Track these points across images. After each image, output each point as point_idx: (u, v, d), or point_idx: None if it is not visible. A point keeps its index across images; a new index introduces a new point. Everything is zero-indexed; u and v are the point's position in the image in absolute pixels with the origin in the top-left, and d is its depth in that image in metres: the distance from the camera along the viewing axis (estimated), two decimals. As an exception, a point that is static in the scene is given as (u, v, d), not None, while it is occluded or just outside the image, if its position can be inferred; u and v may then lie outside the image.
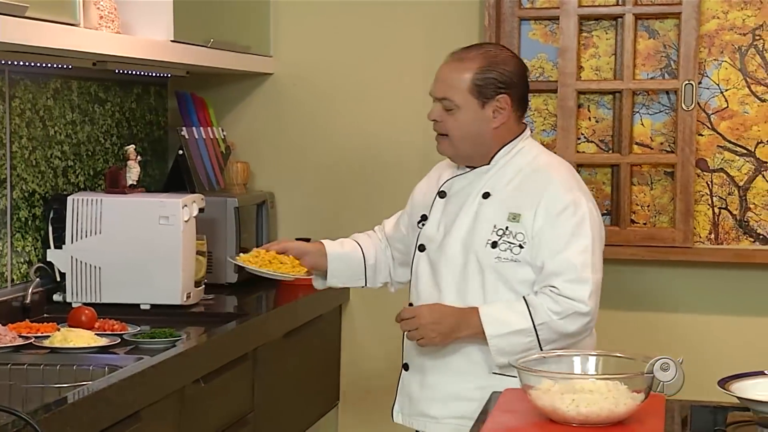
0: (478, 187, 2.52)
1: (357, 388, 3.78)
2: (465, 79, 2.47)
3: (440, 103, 2.51)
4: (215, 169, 3.61)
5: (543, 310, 2.40)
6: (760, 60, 3.40)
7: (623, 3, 3.46)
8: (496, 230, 2.46)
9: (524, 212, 2.44)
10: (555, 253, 2.40)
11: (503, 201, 2.48)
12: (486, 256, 2.45)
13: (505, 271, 2.45)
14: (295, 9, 3.75)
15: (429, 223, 2.56)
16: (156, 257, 2.96)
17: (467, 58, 2.50)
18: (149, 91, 3.69)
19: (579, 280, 2.40)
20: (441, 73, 2.53)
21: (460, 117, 2.49)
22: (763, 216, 3.44)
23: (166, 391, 2.42)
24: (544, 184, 2.46)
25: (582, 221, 2.42)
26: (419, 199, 2.65)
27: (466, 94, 2.47)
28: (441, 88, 2.51)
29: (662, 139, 3.50)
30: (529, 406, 2.04)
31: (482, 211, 2.49)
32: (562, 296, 2.39)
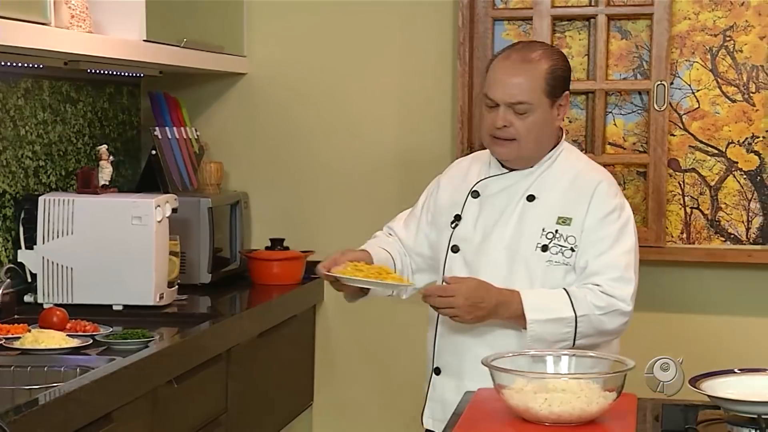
0: (521, 189, 2.48)
1: (331, 389, 3.78)
2: (539, 79, 2.42)
3: (510, 108, 2.42)
4: (188, 170, 3.59)
5: (586, 303, 2.39)
6: (730, 61, 3.43)
7: (596, 4, 3.47)
8: (545, 233, 2.43)
9: (575, 215, 2.43)
10: (600, 253, 2.42)
11: (551, 204, 2.45)
12: (536, 260, 2.42)
13: (554, 276, 2.42)
14: (269, 9, 3.74)
15: (464, 224, 2.50)
16: (128, 258, 2.95)
17: (533, 59, 2.44)
18: (122, 90, 3.67)
19: (623, 279, 2.42)
20: (508, 77, 2.42)
21: (532, 119, 2.43)
22: (734, 216, 3.46)
23: (139, 393, 2.41)
24: (592, 188, 2.46)
25: (626, 225, 2.46)
26: (445, 199, 2.57)
27: (540, 95, 2.43)
28: (513, 92, 2.42)
29: (635, 140, 3.52)
30: (502, 406, 2.05)
31: (528, 213, 2.45)
32: (606, 293, 2.40)
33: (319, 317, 3.80)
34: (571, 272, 2.43)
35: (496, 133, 2.44)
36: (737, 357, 2.97)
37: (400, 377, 3.69)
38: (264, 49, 3.75)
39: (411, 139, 3.66)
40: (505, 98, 2.42)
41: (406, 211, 2.71)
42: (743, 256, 3.41)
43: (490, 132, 2.46)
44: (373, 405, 3.75)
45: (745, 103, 3.43)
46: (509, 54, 2.47)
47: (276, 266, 3.57)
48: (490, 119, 2.45)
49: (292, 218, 3.77)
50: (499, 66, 2.46)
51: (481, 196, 2.51)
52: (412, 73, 3.65)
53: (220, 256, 3.53)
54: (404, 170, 3.65)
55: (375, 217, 3.63)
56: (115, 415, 2.28)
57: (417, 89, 3.65)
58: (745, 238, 3.46)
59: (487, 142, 2.50)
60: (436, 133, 3.63)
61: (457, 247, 2.50)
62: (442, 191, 2.60)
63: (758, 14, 3.40)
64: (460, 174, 2.60)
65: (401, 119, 3.68)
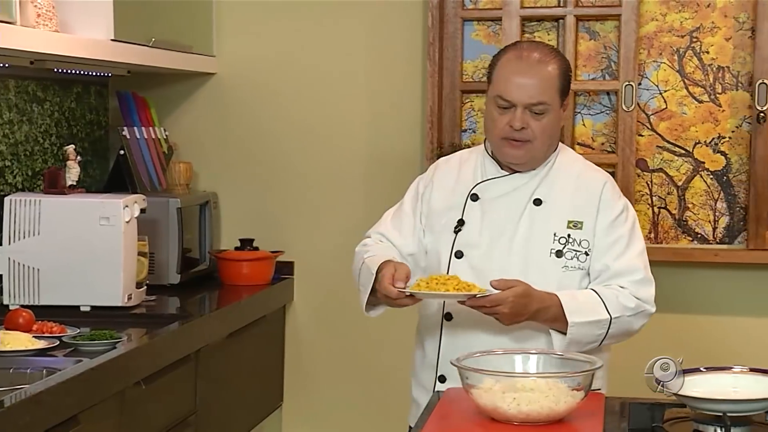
0: (526, 193, 2.43)
1: (301, 389, 3.78)
2: (554, 79, 2.38)
3: (526, 109, 2.36)
4: (157, 170, 3.58)
5: (618, 305, 2.38)
6: (697, 62, 3.46)
7: (564, 4, 3.49)
8: (557, 238, 2.39)
9: (585, 219, 2.41)
10: (618, 255, 2.41)
11: (559, 208, 2.41)
12: (551, 266, 2.38)
13: (571, 282, 2.39)
14: (238, 8, 3.73)
15: (467, 229, 2.43)
16: (96, 258, 2.93)
17: (545, 60, 2.39)
18: (89, 90, 3.65)
19: (646, 280, 2.43)
20: (526, 77, 2.37)
21: (547, 120, 2.38)
22: (701, 215, 3.49)
23: (106, 394, 2.39)
24: (598, 190, 2.45)
25: (634, 225, 2.46)
26: (440, 202, 2.49)
27: (554, 95, 2.39)
28: (534, 92, 2.36)
29: (603, 140, 3.54)
30: (470, 406, 2.05)
31: (537, 218, 2.40)
32: (633, 295, 2.40)
33: (289, 317, 3.79)
34: (586, 277, 2.42)
35: (514, 135, 2.37)
36: (704, 355, 3.01)
37: (370, 377, 3.69)
38: (233, 49, 3.74)
39: (381, 139, 3.66)
40: (523, 99, 2.36)
41: (388, 214, 2.59)
42: (710, 255, 3.44)
43: (503, 135, 2.39)
44: (342, 405, 3.75)
45: (712, 103, 3.46)
46: (520, 54, 2.40)
47: (246, 266, 3.56)
48: (504, 121, 2.37)
49: (262, 218, 3.76)
50: (514, 66, 2.39)
51: (481, 199, 2.45)
52: (381, 73, 3.65)
53: (189, 256, 3.52)
54: (374, 170, 3.65)
55: (345, 216, 3.64)
56: (81, 417, 2.26)
57: (387, 89, 3.65)
58: (711, 237, 3.49)
59: (497, 144, 2.42)
60: (405, 133, 3.63)
61: (461, 252, 2.42)
62: (435, 194, 2.51)
63: (724, 16, 3.43)
64: (450, 176, 2.52)
65: (371, 119, 3.68)
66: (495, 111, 2.40)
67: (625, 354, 3.43)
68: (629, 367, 3.30)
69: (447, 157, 2.62)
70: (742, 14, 3.42)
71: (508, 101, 2.38)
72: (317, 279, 3.73)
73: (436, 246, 2.47)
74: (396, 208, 2.59)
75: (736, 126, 3.45)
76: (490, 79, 2.44)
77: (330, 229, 3.69)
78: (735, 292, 3.48)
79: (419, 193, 2.54)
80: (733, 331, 3.48)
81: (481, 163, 2.50)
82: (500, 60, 2.43)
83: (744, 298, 3.48)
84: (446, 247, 2.44)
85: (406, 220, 2.53)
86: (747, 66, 3.42)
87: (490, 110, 2.43)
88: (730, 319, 3.49)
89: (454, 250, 2.43)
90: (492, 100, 2.41)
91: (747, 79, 3.42)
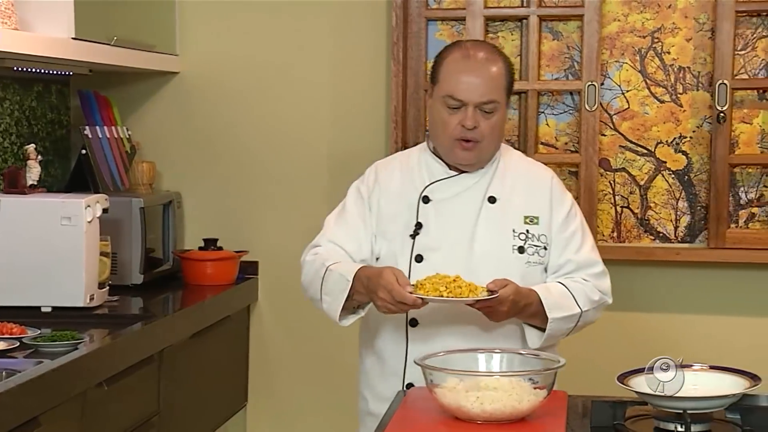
0: (479, 192, 2.43)
1: (265, 389, 3.77)
2: (502, 77, 2.39)
3: (477, 108, 2.36)
4: (120, 169, 3.55)
5: (586, 298, 2.41)
6: (658, 62, 3.49)
7: (528, 5, 3.51)
8: (516, 235, 2.40)
9: (540, 214, 2.43)
10: (577, 248, 2.44)
11: (514, 204, 2.42)
12: (515, 262, 2.38)
13: (533, 277, 2.40)
14: (201, 7, 3.71)
15: (425, 232, 2.40)
16: (58, 259, 2.90)
17: (492, 59, 2.40)
18: (50, 89, 3.61)
19: (604, 272, 2.48)
20: (476, 76, 2.36)
21: (496, 118, 2.39)
22: (663, 214, 3.53)
23: (68, 396, 2.37)
24: (547, 185, 2.47)
25: (582, 219, 2.50)
26: (389, 207, 2.45)
27: (503, 93, 2.40)
28: (484, 91, 2.36)
29: (566, 139, 3.56)
30: (434, 405, 2.06)
31: (493, 216, 2.40)
32: (596, 288, 2.43)
33: (253, 317, 3.78)
34: (544, 272, 2.44)
35: (466, 134, 2.36)
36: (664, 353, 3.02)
37: (335, 377, 3.68)
38: (196, 48, 3.72)
39: (345, 139, 3.66)
40: (474, 98, 2.35)
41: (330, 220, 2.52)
42: (671, 254, 3.47)
43: (456, 135, 2.37)
44: (307, 405, 3.74)
45: (673, 103, 3.49)
46: (466, 53, 2.39)
47: (210, 266, 3.54)
48: (456, 121, 2.36)
49: (226, 218, 3.74)
50: (462, 65, 2.38)
51: (433, 201, 2.43)
52: (345, 72, 3.65)
53: (152, 256, 3.50)
54: (338, 169, 3.65)
55: (309, 216, 3.63)
56: (42, 419, 2.24)
57: (351, 88, 3.65)
58: (673, 236, 3.52)
59: (449, 146, 2.39)
60: (370, 132, 3.63)
61: (421, 256, 2.39)
62: (383, 199, 2.46)
63: (684, 17, 3.46)
64: (394, 179, 2.48)
65: (335, 118, 3.68)
66: (444, 112, 2.38)
67: (587, 352, 3.46)
68: (592, 365, 3.34)
69: (385, 161, 2.58)
70: (702, 15, 3.45)
71: (459, 100, 2.36)
72: (282, 279, 3.72)
73: (391, 252, 2.42)
74: (337, 214, 2.53)
75: (697, 126, 3.48)
76: (436, 79, 2.42)
77: (294, 229, 3.68)
78: (696, 290, 3.52)
79: (363, 198, 2.49)
80: (694, 328, 3.51)
81: (425, 164, 2.47)
82: (446, 60, 2.42)
83: (705, 297, 3.51)
84: (404, 252, 2.41)
85: (355, 226, 2.47)
86: (707, 66, 3.45)
87: (438, 111, 2.40)
88: (691, 317, 3.52)
89: (413, 254, 2.39)
90: (440, 100, 2.39)
91: (707, 80, 3.45)
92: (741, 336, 3.49)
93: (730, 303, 3.50)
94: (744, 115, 3.46)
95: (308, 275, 2.46)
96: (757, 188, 3.47)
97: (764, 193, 3.47)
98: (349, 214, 2.49)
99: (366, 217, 2.47)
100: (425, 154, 2.49)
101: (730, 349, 3.44)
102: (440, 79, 2.41)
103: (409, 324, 2.41)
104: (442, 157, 2.46)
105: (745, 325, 3.50)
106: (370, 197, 2.48)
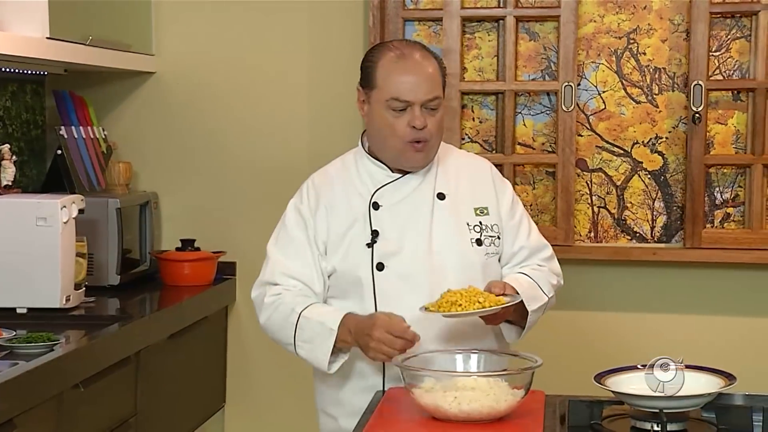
0: (426, 191, 2.39)
1: (243, 390, 3.76)
2: (438, 74, 2.36)
3: (422, 107, 2.32)
4: (96, 170, 3.53)
5: (548, 284, 2.43)
6: (634, 63, 3.51)
7: (504, 5, 3.52)
8: (471, 227, 2.39)
9: (488, 204, 2.43)
10: (527, 234, 2.46)
11: (462, 198, 2.41)
12: (475, 255, 2.37)
13: (492, 268, 2.40)
14: (177, 6, 3.69)
15: (383, 239, 2.34)
16: (33, 259, 2.88)
17: (426, 56, 2.36)
18: (25, 89, 3.59)
19: (553, 256, 2.50)
20: (418, 75, 2.32)
21: (440, 115, 2.35)
22: (639, 215, 3.54)
23: (43, 397, 2.35)
24: (488, 174, 2.48)
25: (523, 205, 2.52)
26: (338, 222, 2.38)
27: (441, 89, 2.38)
28: (429, 88, 2.32)
29: (543, 140, 3.57)
30: (412, 405, 2.06)
31: (446, 212, 2.38)
32: (551, 271, 2.46)
33: (231, 318, 3.77)
34: (498, 262, 2.44)
35: (418, 135, 2.31)
36: (642, 353, 3.04)
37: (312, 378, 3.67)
38: (173, 48, 3.71)
39: (323, 139, 3.65)
40: (419, 96, 2.31)
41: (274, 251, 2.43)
42: (648, 254, 3.49)
43: (408, 138, 2.32)
44: (285, 406, 3.73)
45: (649, 104, 3.51)
46: (401, 53, 2.34)
47: (187, 267, 3.53)
48: (404, 123, 2.31)
49: (203, 218, 3.73)
50: (401, 66, 2.32)
51: (383, 207, 2.38)
52: (323, 72, 3.65)
53: (129, 257, 3.48)
54: (316, 169, 3.62)
55: (287, 217, 3.62)
56: (18, 421, 2.22)
57: (328, 88, 3.64)
58: (649, 236, 3.54)
59: (400, 150, 2.34)
60: (347, 132, 3.62)
61: (382, 264, 2.34)
62: (330, 216, 2.38)
63: (660, 18, 3.48)
64: (334, 192, 2.41)
65: (313, 118, 3.67)
66: (389, 116, 2.33)
67: (564, 352, 3.48)
68: (569, 365, 3.35)
69: (320, 175, 2.49)
70: (677, 16, 3.47)
71: (405, 101, 2.31)
72: (259, 279, 3.70)
73: (347, 266, 2.36)
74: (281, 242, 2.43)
75: (673, 126, 3.50)
76: (372, 83, 2.36)
77: (272, 229, 3.66)
78: (672, 290, 3.54)
79: (305, 219, 2.40)
80: (670, 328, 3.53)
81: (366, 170, 2.42)
82: (379, 62, 2.36)
83: (681, 296, 3.54)
84: (363, 262, 2.35)
85: (304, 254, 2.39)
86: (682, 67, 3.47)
87: (382, 116, 2.34)
88: (667, 316, 3.54)
89: (374, 263, 2.34)
90: (383, 104, 2.33)
91: (682, 81, 3.47)
92: (716, 335, 3.51)
93: (706, 302, 3.52)
94: (719, 115, 3.48)
95: (274, 321, 2.38)
96: (732, 188, 3.50)
97: (739, 193, 3.50)
98: (296, 240, 2.40)
99: (311, 240, 2.39)
100: (363, 160, 2.43)
101: (705, 349, 3.46)
102: (379, 83, 2.34)
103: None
104: (388, 162, 2.40)
105: (720, 324, 3.52)
106: (315, 217, 2.40)
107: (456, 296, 2.18)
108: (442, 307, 2.18)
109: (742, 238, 3.46)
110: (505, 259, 2.45)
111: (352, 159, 2.47)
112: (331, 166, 2.51)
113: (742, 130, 3.48)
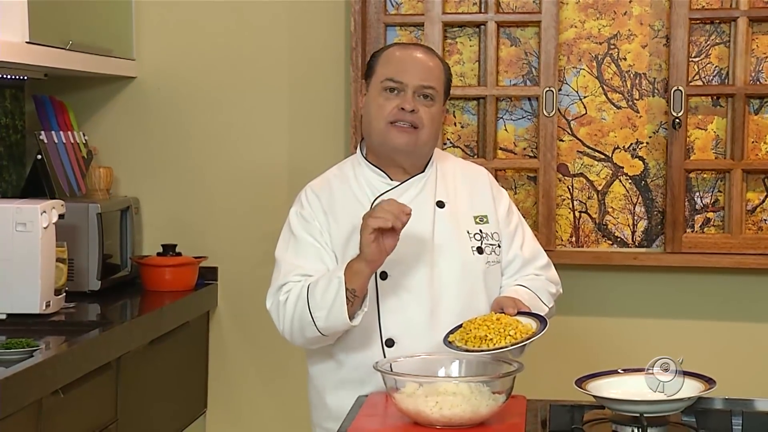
0: (426, 198, 2.38)
1: (225, 396, 3.75)
2: (442, 72, 2.37)
3: (417, 93, 2.31)
4: (76, 175, 3.52)
5: (547, 294, 2.43)
6: (615, 68, 3.52)
7: (485, 11, 3.53)
8: (472, 236, 2.37)
9: (487, 212, 2.42)
10: (522, 242, 2.46)
11: (461, 205, 2.40)
12: (477, 264, 2.35)
13: (494, 276, 2.39)
14: (158, 11, 3.68)
15: None
16: (13, 265, 2.87)
17: (432, 53, 2.38)
18: (4, 93, 3.57)
19: (549, 264, 2.50)
20: (419, 61, 2.33)
21: (435, 109, 2.34)
22: (620, 219, 3.56)
23: (23, 404, 2.34)
24: (485, 181, 2.47)
25: (518, 211, 2.52)
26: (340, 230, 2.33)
27: (441, 88, 2.37)
28: (426, 75, 2.31)
29: (525, 145, 3.58)
30: (393, 410, 2.06)
31: (446, 221, 2.36)
32: (548, 280, 2.46)
33: (213, 324, 3.76)
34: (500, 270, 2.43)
35: (405, 117, 2.29)
36: (622, 357, 3.05)
37: (295, 383, 3.67)
38: (154, 53, 3.70)
39: (304, 144, 3.65)
40: (415, 80, 2.30)
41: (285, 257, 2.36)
42: (629, 258, 3.50)
43: (391, 118, 2.30)
44: (267, 411, 3.73)
45: (630, 109, 3.52)
46: (405, 46, 2.40)
47: (168, 272, 3.52)
48: (393, 104, 2.30)
49: (184, 224, 3.72)
50: (406, 53, 2.35)
51: None
52: (304, 77, 3.64)
53: (110, 262, 3.47)
54: (297, 174, 3.64)
55: (268, 221, 3.62)
56: (-3, 428, 2.21)
57: (310, 94, 3.64)
58: (631, 241, 3.56)
59: (383, 131, 2.31)
60: (329, 137, 3.63)
61: (385, 273, 2.30)
62: (333, 224, 2.35)
63: (640, 23, 3.50)
64: (335, 200, 2.38)
65: (294, 123, 3.67)
66: (381, 97, 2.32)
67: (545, 356, 3.48)
68: (550, 370, 3.36)
69: (318, 184, 2.44)
70: (657, 22, 3.49)
71: (399, 82, 2.30)
72: (241, 284, 3.70)
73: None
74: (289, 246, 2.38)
75: (653, 131, 3.52)
76: (371, 72, 2.37)
77: (254, 234, 3.67)
78: (653, 294, 3.55)
79: (309, 221, 2.37)
80: (651, 332, 3.54)
81: (364, 178, 2.40)
82: (383, 54, 2.38)
83: (662, 301, 3.55)
84: None
85: (313, 248, 2.34)
86: (663, 73, 3.49)
87: (374, 99, 2.33)
88: (648, 321, 3.55)
89: (378, 272, 2.28)
90: (377, 87, 2.33)
91: (663, 86, 3.49)
92: (697, 339, 3.53)
93: (686, 307, 3.54)
94: (699, 121, 3.50)
95: (289, 314, 2.29)
96: (712, 193, 3.52)
97: (719, 198, 3.52)
98: (302, 241, 2.36)
99: (317, 238, 2.35)
100: (360, 168, 2.41)
101: (685, 353, 3.45)
102: (378, 70, 2.35)
103: (386, 344, 2.31)
104: (376, 148, 2.36)
105: (700, 328, 3.54)
106: (318, 220, 2.37)
107: (482, 329, 2.15)
108: (470, 342, 2.14)
109: (722, 243, 3.48)
110: (503, 266, 2.45)
111: (349, 166, 2.45)
112: (328, 174, 2.48)
113: (721, 136, 3.50)
